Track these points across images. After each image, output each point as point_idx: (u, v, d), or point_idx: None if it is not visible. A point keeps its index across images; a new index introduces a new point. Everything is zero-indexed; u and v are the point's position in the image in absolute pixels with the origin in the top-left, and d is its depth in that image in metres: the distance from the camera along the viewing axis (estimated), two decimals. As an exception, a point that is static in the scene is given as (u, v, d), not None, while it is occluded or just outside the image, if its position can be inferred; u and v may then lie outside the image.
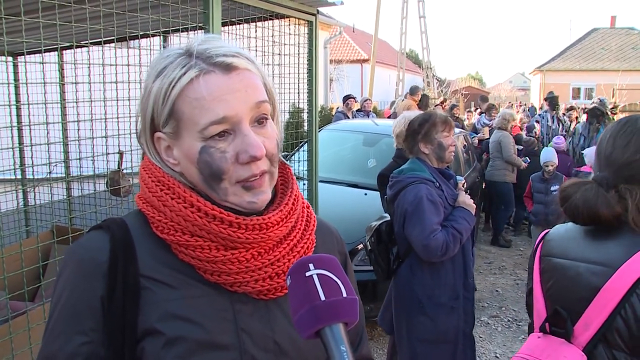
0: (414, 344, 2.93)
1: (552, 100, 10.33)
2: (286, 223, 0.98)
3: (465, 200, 2.99)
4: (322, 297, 0.74)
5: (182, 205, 0.92)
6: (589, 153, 6.16)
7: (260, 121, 0.93)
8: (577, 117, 11.75)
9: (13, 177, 3.78)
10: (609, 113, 8.76)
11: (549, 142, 8.68)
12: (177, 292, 0.91)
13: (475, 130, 9.83)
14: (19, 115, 3.81)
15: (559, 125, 9.97)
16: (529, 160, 7.71)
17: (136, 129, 0.99)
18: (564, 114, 12.25)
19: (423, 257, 2.86)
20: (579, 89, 33.11)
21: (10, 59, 4.02)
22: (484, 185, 7.84)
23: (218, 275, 0.92)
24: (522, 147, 8.05)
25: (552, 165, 6.35)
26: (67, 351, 0.88)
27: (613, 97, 11.99)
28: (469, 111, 13.89)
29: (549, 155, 6.43)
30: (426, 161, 3.01)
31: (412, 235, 2.85)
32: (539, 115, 10.30)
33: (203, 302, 0.91)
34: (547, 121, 10.04)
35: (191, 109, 0.89)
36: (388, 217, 3.17)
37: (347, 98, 9.61)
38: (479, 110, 12.31)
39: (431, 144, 2.97)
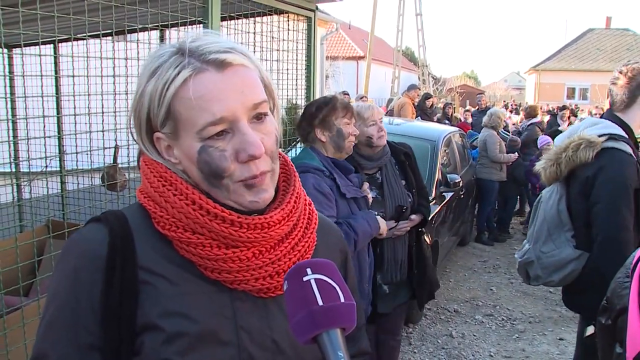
0: None
1: None
2: (288, 222, 0.97)
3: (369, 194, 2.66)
4: (320, 302, 0.73)
5: (184, 202, 0.91)
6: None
7: (258, 117, 0.91)
8: (569, 117, 11.75)
9: (7, 170, 3.75)
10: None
11: None
12: (177, 288, 0.90)
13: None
14: (13, 108, 3.78)
15: None
16: (517, 155, 7.69)
17: (129, 126, 0.98)
18: (556, 113, 12.17)
19: None
20: (573, 89, 33.32)
21: (5, 50, 3.98)
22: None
23: (218, 273, 0.91)
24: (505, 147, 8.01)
25: None
26: (61, 347, 0.87)
27: (608, 97, 11.96)
28: (467, 110, 13.81)
29: None
30: (320, 150, 2.63)
31: None
32: None
33: (203, 298, 0.91)
34: None
35: (187, 109, 0.87)
36: None
37: (342, 95, 9.60)
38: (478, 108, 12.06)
39: (329, 131, 2.60)
